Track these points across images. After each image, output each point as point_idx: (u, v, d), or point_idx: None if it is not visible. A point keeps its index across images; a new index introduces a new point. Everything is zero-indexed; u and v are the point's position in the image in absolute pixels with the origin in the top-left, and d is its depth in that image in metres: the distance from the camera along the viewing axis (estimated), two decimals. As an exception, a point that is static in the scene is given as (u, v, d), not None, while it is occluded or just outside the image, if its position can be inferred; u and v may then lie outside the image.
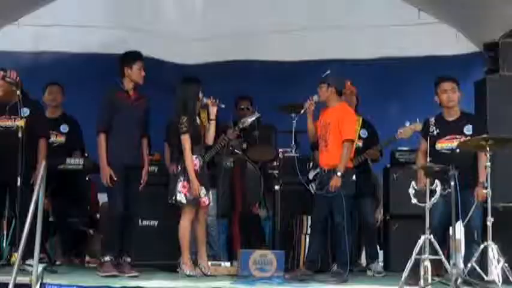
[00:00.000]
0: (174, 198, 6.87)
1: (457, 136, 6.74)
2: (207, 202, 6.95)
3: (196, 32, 9.81)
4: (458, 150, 6.65)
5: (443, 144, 6.79)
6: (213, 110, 7.06)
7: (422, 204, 6.32)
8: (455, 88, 6.83)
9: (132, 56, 6.94)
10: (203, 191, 6.90)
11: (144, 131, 6.99)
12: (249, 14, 9.58)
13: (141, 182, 6.90)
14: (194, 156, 6.91)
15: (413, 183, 6.56)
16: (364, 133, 7.85)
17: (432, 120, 6.90)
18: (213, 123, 7.06)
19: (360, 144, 7.77)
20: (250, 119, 7.56)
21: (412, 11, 8.91)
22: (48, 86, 8.18)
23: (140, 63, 6.90)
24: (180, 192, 6.85)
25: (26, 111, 6.87)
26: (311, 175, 7.32)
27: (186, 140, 6.88)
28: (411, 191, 6.46)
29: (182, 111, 6.94)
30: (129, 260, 6.77)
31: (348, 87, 7.86)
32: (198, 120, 7.04)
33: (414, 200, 6.41)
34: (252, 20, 9.54)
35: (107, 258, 6.67)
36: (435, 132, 6.84)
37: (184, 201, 6.85)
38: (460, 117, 6.86)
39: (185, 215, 6.88)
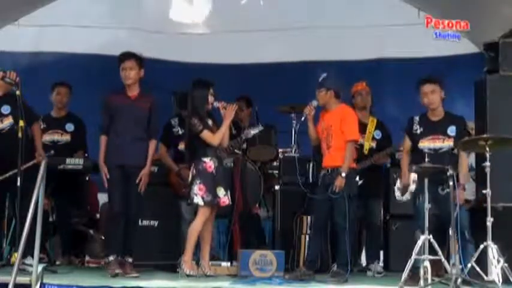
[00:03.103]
0: (191, 201, 6.90)
1: (440, 136, 6.78)
2: (227, 202, 6.97)
3: (197, 32, 9.81)
4: (442, 150, 6.72)
5: (425, 144, 6.81)
6: (226, 114, 7.06)
7: (402, 199, 6.67)
8: (435, 90, 6.83)
9: (120, 57, 6.94)
10: (222, 191, 6.92)
11: (150, 131, 6.96)
12: (250, 14, 9.57)
13: (142, 183, 6.87)
14: (208, 158, 6.93)
15: (398, 180, 6.79)
16: (378, 134, 7.87)
17: (416, 118, 6.93)
18: (225, 126, 7.06)
19: (374, 145, 7.80)
20: (253, 132, 7.54)
21: (412, 11, 8.91)
22: (56, 86, 8.17)
23: (127, 63, 6.86)
24: (196, 195, 6.86)
25: (7, 109, 6.90)
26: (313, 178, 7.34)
27: (207, 135, 6.91)
28: (397, 187, 6.70)
29: (192, 113, 6.97)
30: (130, 260, 6.78)
31: (363, 88, 7.88)
32: (210, 122, 7.04)
33: (397, 194, 6.67)
34: (252, 20, 9.53)
35: (111, 257, 6.70)
36: (418, 131, 6.87)
37: (201, 203, 6.86)
38: (443, 117, 6.88)
39: (200, 216, 6.89)
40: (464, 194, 6.62)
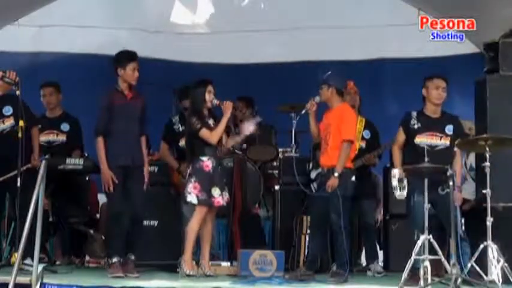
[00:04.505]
0: (185, 199, 6.89)
1: (438, 134, 6.78)
2: (221, 202, 6.95)
3: (196, 32, 9.81)
4: (438, 148, 6.71)
5: (422, 139, 6.80)
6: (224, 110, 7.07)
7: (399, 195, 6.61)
8: (445, 88, 6.87)
9: (126, 57, 6.89)
10: (217, 191, 6.92)
11: (142, 130, 6.97)
12: (250, 14, 9.58)
13: (145, 181, 6.86)
14: (206, 158, 6.92)
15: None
16: (367, 134, 7.87)
17: (414, 113, 6.91)
18: (223, 124, 7.06)
19: (363, 145, 7.80)
20: (252, 127, 7.53)
21: (412, 11, 8.91)
22: (42, 88, 8.15)
23: (134, 64, 6.84)
24: (190, 193, 6.86)
25: (9, 110, 6.90)
26: (313, 175, 7.34)
27: (205, 134, 6.90)
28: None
29: (191, 112, 6.98)
30: (133, 258, 6.75)
31: (351, 87, 7.88)
32: (211, 121, 7.04)
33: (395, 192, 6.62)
34: (252, 20, 9.54)
35: (115, 259, 6.67)
36: (416, 126, 6.85)
37: (195, 201, 6.86)
38: (441, 116, 6.89)
39: (196, 215, 6.89)
40: (460, 194, 6.63)
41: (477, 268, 6.16)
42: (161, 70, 9.25)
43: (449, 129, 6.81)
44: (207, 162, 6.92)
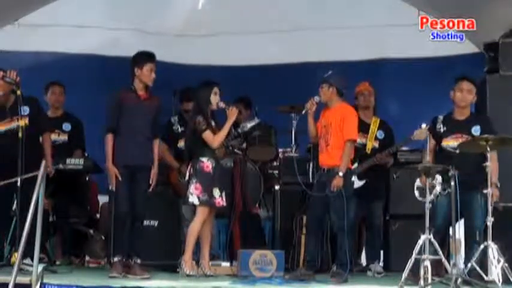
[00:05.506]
0: (186, 200, 6.90)
1: (464, 135, 6.74)
2: (221, 203, 6.96)
3: (196, 33, 9.80)
4: (458, 151, 6.67)
5: (449, 143, 6.79)
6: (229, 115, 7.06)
7: (424, 200, 6.40)
8: (472, 90, 6.82)
9: (144, 57, 6.91)
10: (218, 191, 6.92)
11: (154, 130, 6.95)
12: (249, 15, 9.57)
13: (150, 183, 6.85)
14: (206, 158, 6.92)
15: (417, 180, 6.63)
16: (381, 134, 7.87)
17: (440, 117, 6.90)
18: (226, 129, 7.06)
19: (376, 145, 7.80)
20: (249, 125, 7.54)
21: (412, 11, 8.91)
22: (50, 86, 8.20)
23: (151, 64, 6.87)
24: (192, 194, 6.86)
25: (26, 110, 6.90)
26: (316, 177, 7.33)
27: (209, 137, 6.90)
28: (416, 188, 6.55)
29: (197, 111, 6.98)
30: (139, 261, 6.73)
31: (366, 88, 7.88)
32: (213, 124, 7.04)
33: (418, 196, 6.50)
34: (252, 20, 9.53)
35: (116, 258, 6.67)
36: (442, 130, 6.84)
37: (197, 202, 6.86)
38: (469, 117, 6.86)
39: (198, 216, 6.89)
40: (497, 191, 6.53)
41: (477, 268, 6.17)
42: (161, 71, 9.21)
43: (476, 130, 6.75)
44: (207, 163, 6.92)
